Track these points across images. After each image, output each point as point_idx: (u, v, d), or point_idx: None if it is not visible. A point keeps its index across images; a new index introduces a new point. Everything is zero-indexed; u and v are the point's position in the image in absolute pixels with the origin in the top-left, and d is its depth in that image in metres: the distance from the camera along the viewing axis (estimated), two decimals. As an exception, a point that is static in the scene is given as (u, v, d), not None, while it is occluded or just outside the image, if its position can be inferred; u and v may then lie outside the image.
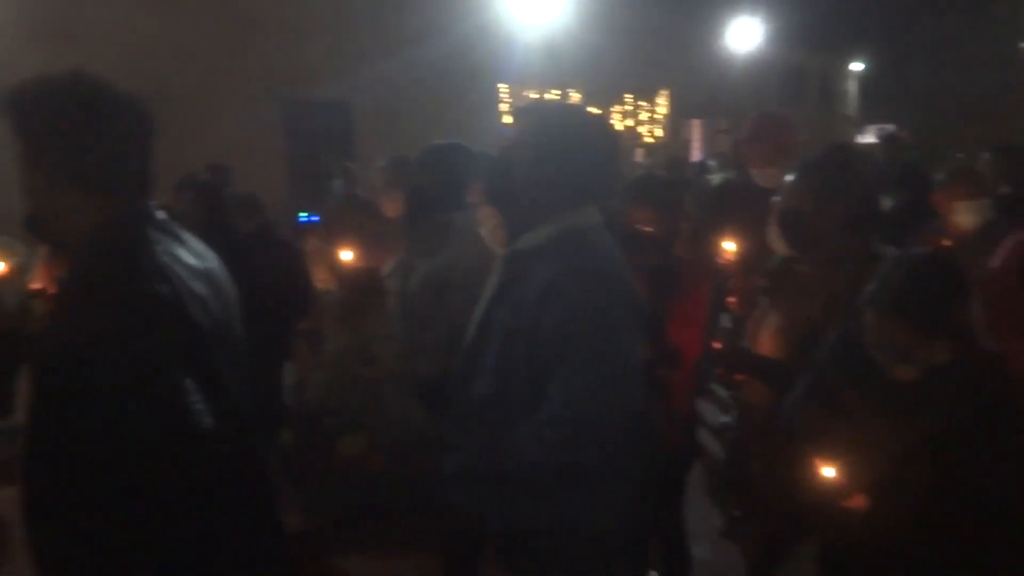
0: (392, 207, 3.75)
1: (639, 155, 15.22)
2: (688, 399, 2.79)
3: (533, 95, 14.39)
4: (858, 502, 1.68)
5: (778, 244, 2.43)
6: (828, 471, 1.69)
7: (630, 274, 1.88)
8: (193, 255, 1.51)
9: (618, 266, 1.85)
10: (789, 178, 2.38)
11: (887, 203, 5.91)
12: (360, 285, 2.65)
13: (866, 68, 28.65)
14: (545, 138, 1.83)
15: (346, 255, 3.05)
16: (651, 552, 3.14)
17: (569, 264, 1.74)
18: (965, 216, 3.22)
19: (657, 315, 2.49)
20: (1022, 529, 1.63)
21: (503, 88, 13.91)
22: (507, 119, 13.87)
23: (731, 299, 2.82)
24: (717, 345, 2.44)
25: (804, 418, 1.92)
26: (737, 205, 3.82)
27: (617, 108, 16.51)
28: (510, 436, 1.73)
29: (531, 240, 1.82)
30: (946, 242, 3.22)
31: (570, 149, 1.82)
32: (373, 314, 2.48)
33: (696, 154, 19.10)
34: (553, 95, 14.82)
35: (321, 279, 3.81)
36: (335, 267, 3.14)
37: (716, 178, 8.54)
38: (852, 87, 29.47)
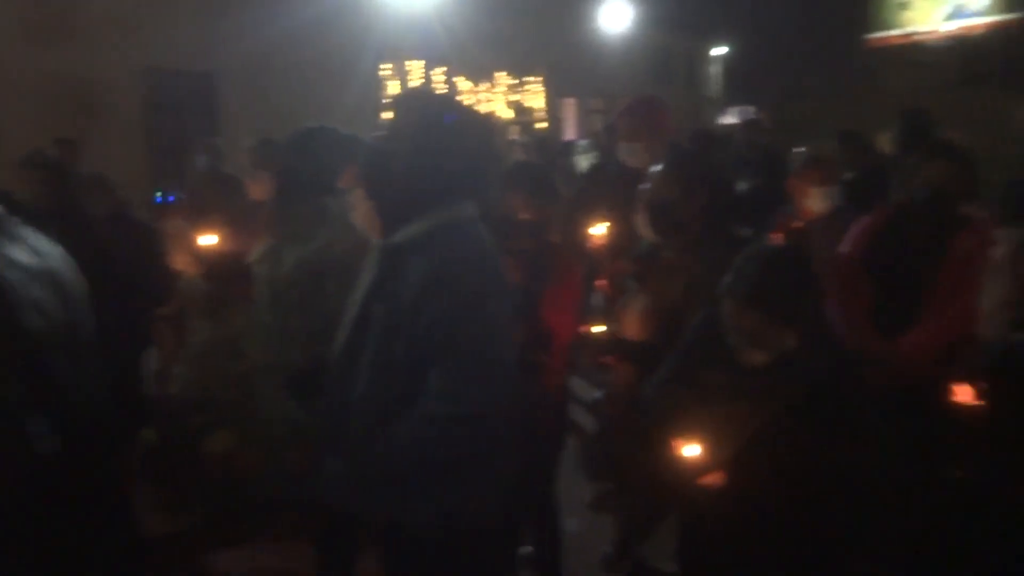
0: (259, 189, 3.61)
1: (515, 132, 15.33)
2: (561, 380, 2.86)
3: (411, 68, 14.20)
4: (715, 478, 1.79)
5: (645, 230, 2.53)
6: (688, 449, 1.79)
7: (504, 266, 1.90)
8: (30, 253, 1.41)
9: (492, 259, 1.86)
10: (655, 168, 2.48)
11: (744, 186, 6.25)
12: (225, 273, 2.54)
13: (728, 52, 30.03)
14: (426, 131, 1.81)
15: (209, 239, 2.90)
16: (524, 528, 3.23)
17: (445, 258, 1.75)
18: (815, 202, 3.43)
19: (531, 300, 2.55)
20: (852, 504, 1.79)
21: (384, 67, 13.63)
22: (386, 92, 13.64)
23: (601, 282, 2.91)
24: (586, 329, 2.52)
25: (667, 398, 2.01)
26: (606, 189, 3.94)
27: (488, 85, 16.55)
28: (388, 433, 1.73)
29: (407, 234, 1.80)
30: (798, 224, 3.42)
31: (450, 143, 1.82)
32: (239, 304, 2.38)
33: (570, 133, 19.44)
34: (438, 71, 14.72)
35: (182, 262, 3.62)
36: (197, 251, 2.99)
37: (583, 160, 8.75)
38: (716, 70, 30.79)
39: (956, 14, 23.72)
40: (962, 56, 25.30)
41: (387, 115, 1.92)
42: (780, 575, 1.86)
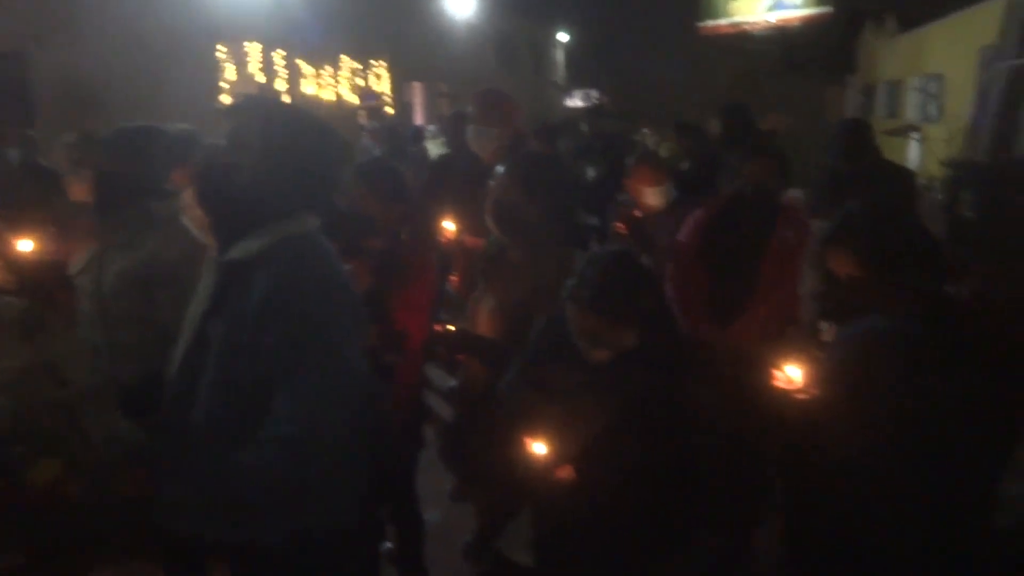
0: (81, 190, 3.34)
1: (362, 117, 15.05)
2: (416, 379, 2.85)
3: (251, 49, 13.55)
4: (565, 473, 1.86)
5: (493, 228, 2.56)
6: (538, 447, 1.84)
7: (349, 278, 1.86)
8: None
9: (337, 272, 1.82)
10: (500, 168, 2.52)
11: (592, 173, 6.47)
12: (43, 287, 2.33)
13: (570, 39, 30.84)
14: (268, 141, 1.72)
15: (25, 244, 2.65)
16: (385, 524, 3.22)
17: (288, 274, 1.68)
18: (649, 199, 3.62)
19: (382, 301, 2.52)
20: (692, 486, 1.92)
21: (221, 49, 12.91)
22: (223, 76, 12.94)
23: (453, 278, 2.92)
24: (439, 327, 2.52)
25: (516, 397, 2.06)
26: (455, 181, 3.96)
27: (331, 69, 16.12)
28: (233, 458, 1.65)
29: (247, 249, 1.72)
30: (638, 214, 3.58)
31: (294, 154, 1.74)
32: (60, 323, 2.19)
33: (418, 118, 19.29)
34: (278, 54, 14.10)
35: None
36: (10, 259, 2.72)
37: (433, 146, 8.72)
38: (560, 56, 31.54)
39: (777, 5, 25.44)
40: (784, 46, 27.31)
41: (226, 121, 1.81)
42: (630, 561, 1.96)
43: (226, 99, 13.01)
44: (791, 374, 1.92)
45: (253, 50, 13.61)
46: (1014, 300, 2.07)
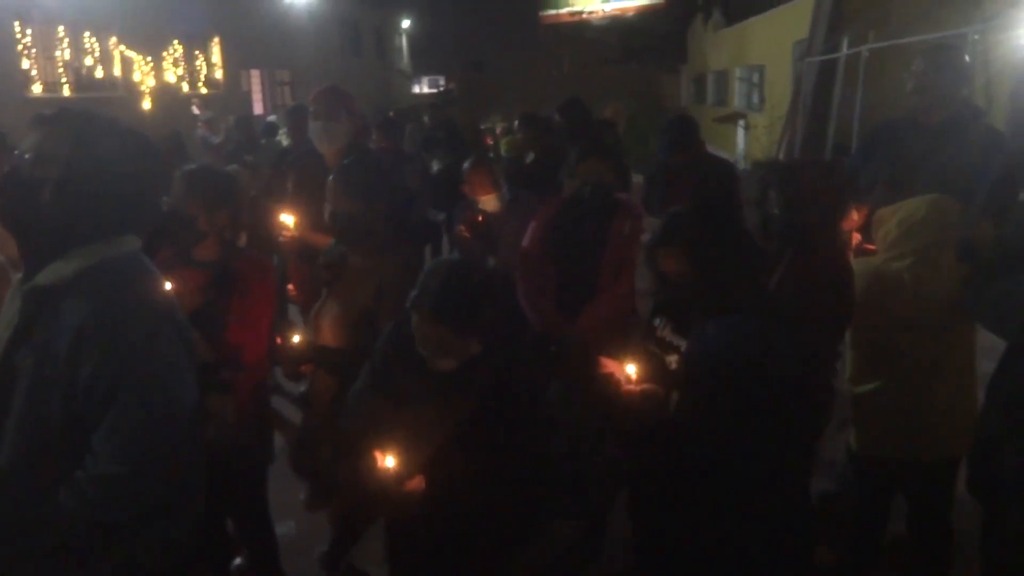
0: None
1: (196, 107, 14.20)
2: (259, 394, 2.73)
3: (59, 34, 12.43)
4: (415, 484, 1.85)
5: (334, 236, 2.51)
6: (387, 460, 1.82)
7: (173, 302, 1.74)
8: None
9: (160, 296, 1.71)
10: (331, 180, 2.47)
11: (437, 166, 6.44)
12: None
13: (412, 25, 30.58)
14: (79, 156, 1.58)
15: None
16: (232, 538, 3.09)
17: (105, 301, 1.56)
18: (487, 204, 3.65)
19: (217, 316, 2.39)
20: (539, 483, 1.97)
21: (24, 31, 11.75)
22: (24, 63, 11.80)
23: (291, 287, 2.82)
24: (282, 338, 2.44)
25: (363, 408, 2.03)
26: (297, 177, 3.84)
27: (165, 55, 15.12)
28: (49, 500, 1.53)
29: (57, 273, 1.58)
30: (480, 218, 3.61)
31: (108, 171, 1.61)
32: None
33: (257, 107, 18.49)
34: (88, 40, 13.01)
35: None
36: None
37: (284, 138, 8.38)
38: (404, 42, 31.21)
39: (612, -3, 26.36)
40: (622, 35, 28.43)
41: (33, 132, 1.64)
42: (484, 562, 1.99)
43: (36, 88, 11.92)
44: (628, 370, 1.99)
45: (62, 34, 12.50)
46: (804, 291, 2.28)
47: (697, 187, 3.84)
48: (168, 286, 1.76)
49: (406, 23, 30.40)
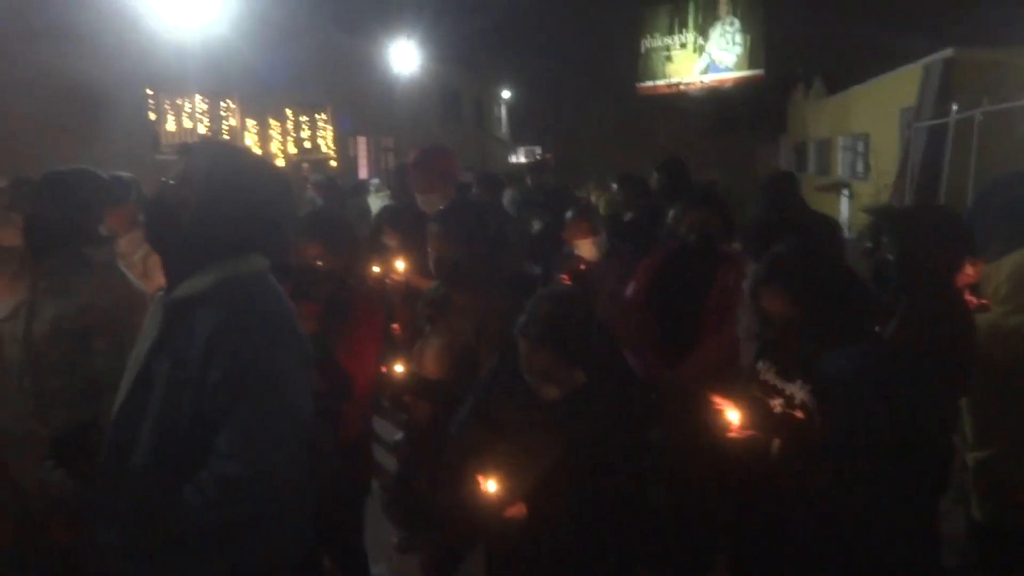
0: (12, 234, 3.24)
1: (306, 169, 14.99)
2: (361, 427, 2.81)
3: (184, 102, 13.46)
4: (517, 511, 1.84)
5: (438, 278, 2.60)
6: (490, 485, 1.83)
7: (296, 318, 1.84)
8: None
9: (284, 311, 1.81)
10: (432, 225, 2.58)
11: (537, 226, 6.55)
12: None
13: (512, 95, 31.56)
14: (215, 180, 1.74)
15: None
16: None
17: (234, 311, 1.67)
18: (585, 251, 3.69)
19: (327, 347, 2.49)
20: (642, 518, 1.93)
21: (156, 99, 12.79)
22: (163, 127, 12.79)
23: (395, 326, 2.92)
24: (386, 368, 2.51)
25: (468, 435, 2.05)
26: (401, 229, 3.98)
27: (277, 121, 16.11)
28: (176, 496, 1.61)
29: (193, 287, 1.71)
30: (582, 266, 3.64)
31: (241, 193, 1.75)
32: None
33: (363, 171, 19.35)
34: (221, 107, 14.03)
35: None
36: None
37: (375, 199, 8.77)
38: (503, 112, 32.19)
39: (711, 68, 26.51)
40: (718, 106, 28.44)
41: (176, 162, 1.81)
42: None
43: (167, 152, 12.87)
44: (730, 417, 1.95)
45: (193, 103, 13.54)
46: (923, 339, 2.16)
47: (800, 230, 3.75)
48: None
49: (506, 94, 31.42)
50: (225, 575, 1.71)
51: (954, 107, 8.90)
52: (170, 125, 13.11)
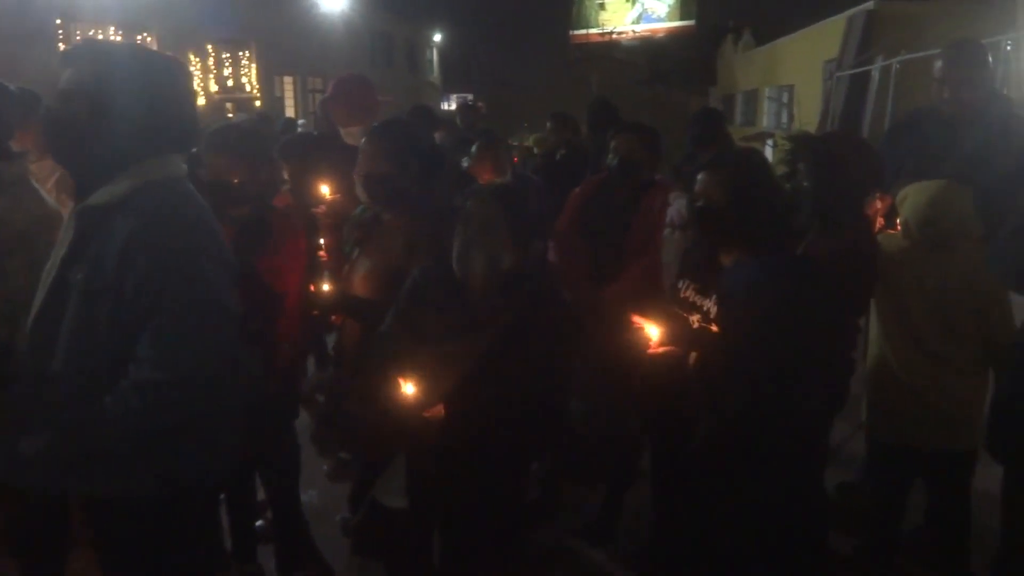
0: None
1: (230, 109, 14.50)
2: (290, 350, 2.80)
3: (97, 33, 12.77)
4: (435, 412, 1.91)
5: (366, 199, 2.58)
6: (408, 387, 1.88)
7: (218, 225, 1.82)
8: None
9: (205, 217, 1.78)
10: (364, 143, 2.55)
11: (467, 163, 6.54)
12: None
13: (443, 40, 30.98)
14: (109, 84, 1.66)
15: None
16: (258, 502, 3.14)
17: (152, 217, 1.64)
18: None
19: (248, 268, 2.46)
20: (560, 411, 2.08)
21: (60, 23, 12.08)
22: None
23: (322, 253, 2.89)
24: (313, 287, 2.50)
25: (389, 343, 2.09)
26: (328, 159, 3.92)
27: (198, 58, 15.46)
28: (96, 405, 1.59)
29: (107, 194, 1.66)
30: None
31: (140, 95, 1.68)
32: None
33: (290, 111, 18.80)
34: (116, 35, 13.34)
35: None
36: None
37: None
38: (435, 56, 31.59)
39: (643, 18, 26.47)
40: (650, 56, 28.54)
41: (61, 69, 1.72)
42: (499, 492, 2.05)
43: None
44: (650, 332, 2.03)
45: (108, 35, 12.86)
46: (829, 262, 2.28)
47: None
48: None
49: (438, 37, 30.80)
50: (152, 486, 1.71)
51: (879, 57, 9.18)
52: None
